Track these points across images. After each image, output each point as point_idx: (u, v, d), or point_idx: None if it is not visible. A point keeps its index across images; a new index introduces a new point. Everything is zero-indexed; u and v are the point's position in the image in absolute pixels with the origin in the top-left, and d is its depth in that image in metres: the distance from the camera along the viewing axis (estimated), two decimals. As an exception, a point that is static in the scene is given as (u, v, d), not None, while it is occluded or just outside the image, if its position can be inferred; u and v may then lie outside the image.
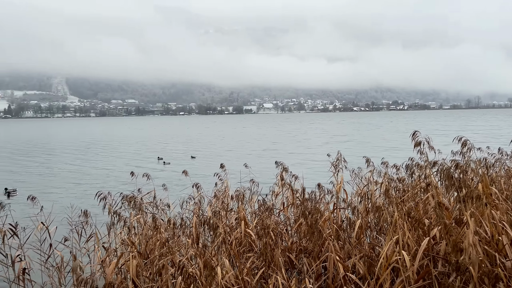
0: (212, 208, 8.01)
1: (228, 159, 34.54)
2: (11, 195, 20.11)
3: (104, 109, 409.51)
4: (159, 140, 66.17)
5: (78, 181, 25.12)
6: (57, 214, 8.39)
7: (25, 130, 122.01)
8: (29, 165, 35.34)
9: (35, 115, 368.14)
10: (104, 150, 49.82)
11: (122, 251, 6.55)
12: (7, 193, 20.19)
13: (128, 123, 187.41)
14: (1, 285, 7.95)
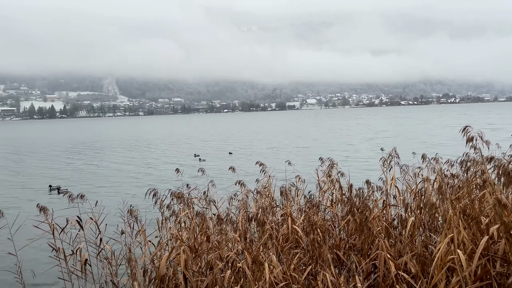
0: (257, 205, 8.07)
1: (268, 156, 34.65)
2: (60, 192, 21.14)
3: (152, 108, 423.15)
4: (200, 137, 67.49)
5: (127, 178, 26.12)
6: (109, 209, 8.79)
7: (79, 129, 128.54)
8: (81, 162, 37.26)
9: (88, 115, 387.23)
10: (148, 147, 51.47)
11: (173, 245, 6.75)
12: (57, 190, 21.31)
13: (174, 121, 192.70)
14: (60, 275, 8.46)
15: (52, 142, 67.35)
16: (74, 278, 7.95)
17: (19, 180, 27.37)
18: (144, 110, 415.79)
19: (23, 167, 35.20)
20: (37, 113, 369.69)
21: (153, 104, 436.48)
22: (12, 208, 17.14)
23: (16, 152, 50.95)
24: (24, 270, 8.18)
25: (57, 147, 56.56)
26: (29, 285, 8.52)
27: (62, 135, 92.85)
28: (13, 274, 8.59)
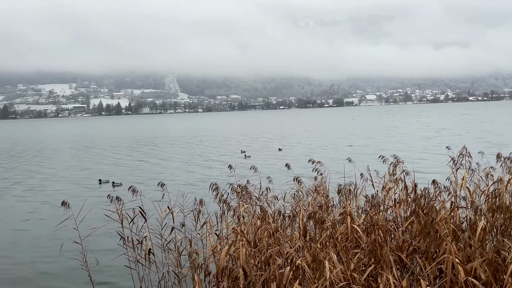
0: (316, 202, 7.99)
1: (322, 153, 34.17)
2: (115, 186, 22.28)
3: (210, 105, 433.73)
4: (252, 134, 67.97)
5: (180, 173, 26.95)
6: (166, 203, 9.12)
7: (142, 125, 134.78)
8: (139, 156, 39.03)
9: (150, 111, 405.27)
10: (200, 142, 52.71)
11: (233, 239, 6.89)
12: (112, 184, 22.49)
13: (230, 117, 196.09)
14: (126, 263, 8.95)
15: (117, 137, 71.27)
16: (139, 266, 8.39)
17: (82, 173, 29.26)
18: (203, 107, 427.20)
19: (87, 160, 37.52)
20: (105, 110, 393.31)
21: (212, 101, 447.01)
22: (74, 199, 18.40)
23: (83, 146, 54.47)
24: (88, 258, 8.76)
25: (120, 142, 59.78)
26: (93, 271, 9.09)
27: (126, 131, 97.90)
28: (79, 261, 9.24)
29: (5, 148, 56.03)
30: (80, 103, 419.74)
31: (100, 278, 9.51)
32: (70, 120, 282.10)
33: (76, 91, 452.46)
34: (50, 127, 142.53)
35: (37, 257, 11.81)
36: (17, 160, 40.06)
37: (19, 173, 30.15)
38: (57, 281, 10.01)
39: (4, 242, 13.36)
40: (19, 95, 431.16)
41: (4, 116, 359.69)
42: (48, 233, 13.80)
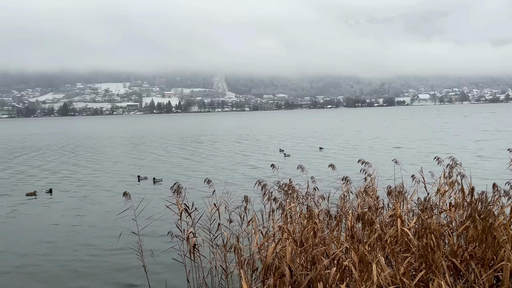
0: (365, 203, 7.82)
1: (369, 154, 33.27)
2: (156, 182, 22.90)
3: (257, 104, 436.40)
4: (294, 132, 67.46)
5: (226, 170, 27.31)
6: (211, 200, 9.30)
7: (190, 123, 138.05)
8: (184, 153, 39.98)
9: (199, 110, 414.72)
10: (244, 141, 53.03)
11: (279, 237, 6.92)
12: (153, 180, 23.13)
13: (276, 116, 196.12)
14: (177, 257, 9.25)
15: (165, 135, 73.50)
16: (186, 260, 8.64)
17: (128, 167, 30.44)
18: (249, 106, 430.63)
19: (134, 156, 38.97)
20: (156, 108, 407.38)
21: (258, 100, 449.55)
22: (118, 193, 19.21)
23: (137, 143, 56.68)
24: (144, 250, 9.14)
25: (168, 139, 61.59)
26: (148, 262, 9.47)
27: (174, 128, 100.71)
28: (135, 251, 9.66)
29: (63, 142, 59.62)
30: (133, 101, 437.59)
31: (154, 269, 9.89)
32: (123, 118, 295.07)
33: (130, 90, 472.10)
34: (105, 124, 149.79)
35: (96, 245, 12.47)
36: (73, 153, 42.44)
37: (72, 166, 31.96)
38: (115, 269, 10.52)
39: (65, 230, 14.23)
40: (77, 93, 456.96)
41: (64, 113, 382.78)
42: (108, 223, 14.56)
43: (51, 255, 11.89)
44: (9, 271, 10.77)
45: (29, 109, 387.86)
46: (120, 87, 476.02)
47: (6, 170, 31.22)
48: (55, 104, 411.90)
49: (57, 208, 17.85)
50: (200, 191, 11.24)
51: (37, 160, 37.96)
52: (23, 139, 71.55)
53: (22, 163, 35.90)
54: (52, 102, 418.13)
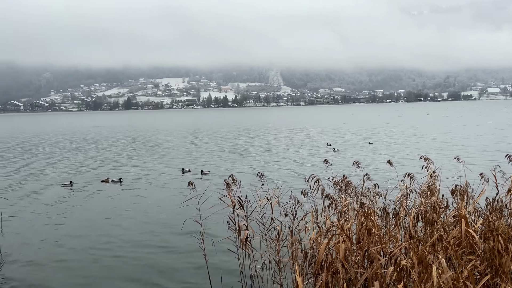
0: (427, 202, 7.45)
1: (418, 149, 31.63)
2: (203, 174, 23.39)
3: (313, 98, 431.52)
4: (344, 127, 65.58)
5: (273, 167, 27.24)
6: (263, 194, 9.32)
7: (246, 117, 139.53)
8: (235, 146, 40.37)
9: (254, 104, 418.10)
10: (295, 135, 52.46)
11: (333, 233, 6.80)
12: (201, 172, 23.60)
13: (331, 110, 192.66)
14: (232, 248, 9.42)
15: (218, 128, 74.88)
16: (241, 252, 8.77)
17: (180, 160, 31.33)
18: (305, 100, 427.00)
19: (193, 149, 40.04)
20: (213, 102, 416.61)
21: (314, 94, 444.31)
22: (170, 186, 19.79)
23: (193, 136, 58.32)
24: (206, 239, 9.42)
25: (221, 133, 62.70)
26: (208, 250, 9.73)
27: (229, 122, 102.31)
28: (196, 239, 9.97)
29: (128, 135, 62.86)
30: (192, 96, 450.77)
31: (213, 258, 10.18)
32: (182, 112, 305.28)
33: (189, 85, 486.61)
34: (164, 118, 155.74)
35: (162, 231, 13.08)
36: (135, 145, 44.54)
37: (134, 157, 33.58)
38: (177, 255, 10.99)
39: (134, 215, 15.04)
40: (140, 88, 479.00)
41: (127, 107, 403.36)
42: (172, 210, 15.20)
43: (121, 236, 12.59)
44: (90, 245, 11.59)
45: (96, 103, 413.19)
46: (179, 82, 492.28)
47: (83, 158, 33.55)
48: (119, 98, 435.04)
49: (127, 194, 18.91)
50: (251, 185, 11.38)
51: (103, 150, 40.34)
52: (99, 131, 76.39)
53: (91, 153, 38.33)
54: (117, 97, 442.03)
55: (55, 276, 9.81)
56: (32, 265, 10.53)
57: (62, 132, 75.46)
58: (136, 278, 9.59)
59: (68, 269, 10.21)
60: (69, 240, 12.45)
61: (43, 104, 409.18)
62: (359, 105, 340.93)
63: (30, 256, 11.18)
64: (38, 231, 13.41)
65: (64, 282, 9.52)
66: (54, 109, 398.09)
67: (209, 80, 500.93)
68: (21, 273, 10.03)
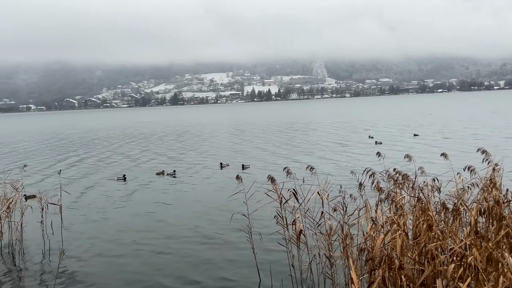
0: (492, 196, 7.02)
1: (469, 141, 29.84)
2: (245, 168, 23.43)
3: (359, 89, 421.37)
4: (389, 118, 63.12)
5: (317, 157, 26.75)
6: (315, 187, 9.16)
7: (290, 110, 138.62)
8: (279, 140, 40.08)
9: (298, 97, 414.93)
10: (337, 128, 51.20)
11: (389, 228, 6.58)
12: (242, 166, 23.69)
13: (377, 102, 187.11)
14: (280, 242, 9.40)
15: (265, 122, 74.90)
16: (291, 245, 8.73)
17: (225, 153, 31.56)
18: (350, 92, 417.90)
19: (237, 142, 40.27)
20: (256, 96, 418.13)
21: (360, 86, 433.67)
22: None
23: (237, 130, 58.76)
24: (253, 232, 9.46)
25: (267, 127, 62.64)
26: (256, 244, 9.78)
27: (273, 116, 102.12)
28: (244, 233, 10.05)
29: (171, 129, 64.56)
30: (236, 90, 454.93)
31: (261, 252, 10.21)
32: (226, 106, 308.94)
33: (232, 79, 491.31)
34: (210, 112, 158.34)
35: (211, 223, 13.32)
36: (182, 139, 45.62)
37: (182, 150, 34.39)
38: (226, 248, 11.13)
39: (184, 206, 15.45)
40: (186, 84, 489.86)
41: (174, 102, 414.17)
42: (220, 204, 15.48)
43: (170, 229, 12.97)
44: (151, 230, 12.04)
45: (145, 99, 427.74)
46: (223, 76, 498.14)
47: (135, 152, 34.90)
48: (166, 94, 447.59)
49: (180, 187, 19.47)
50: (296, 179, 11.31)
51: (153, 144, 41.68)
52: (148, 126, 79.18)
53: (142, 147, 39.74)
54: (164, 93, 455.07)
55: (109, 268, 10.24)
56: (89, 256, 11.06)
57: (114, 128, 78.84)
58: (184, 272, 9.75)
59: (120, 262, 10.57)
60: (122, 233, 12.96)
61: (95, 101, 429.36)
62: (407, 96, 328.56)
63: (87, 247, 11.75)
64: (94, 224, 14.08)
65: (116, 275, 9.91)
66: (105, 106, 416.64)
67: (252, 74, 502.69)
68: (79, 264, 10.57)
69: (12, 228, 12.72)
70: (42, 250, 11.61)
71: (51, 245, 11.97)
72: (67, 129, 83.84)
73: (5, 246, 11.97)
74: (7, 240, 12.34)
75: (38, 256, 11.23)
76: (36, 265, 10.61)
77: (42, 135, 66.44)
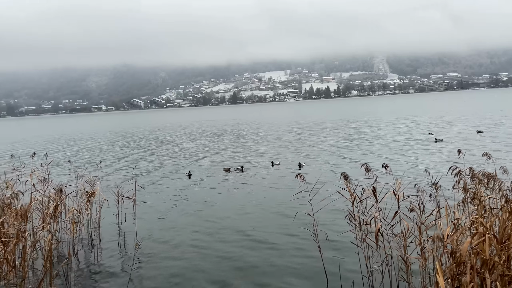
0: None
1: None
2: (301, 166, 23.01)
3: (424, 85, 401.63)
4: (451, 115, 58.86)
5: (377, 155, 25.64)
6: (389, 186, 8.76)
7: (350, 107, 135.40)
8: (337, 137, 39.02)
9: (358, 94, 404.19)
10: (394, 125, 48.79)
11: (474, 230, 6.15)
12: (299, 165, 23.28)
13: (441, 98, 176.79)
14: (353, 241, 9.16)
15: (324, 120, 73.65)
16: (364, 246, 8.46)
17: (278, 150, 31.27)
18: (414, 88, 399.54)
19: (295, 141, 39.86)
20: (315, 94, 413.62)
21: (425, 81, 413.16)
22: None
23: (298, 128, 58.38)
24: (319, 232, 9.30)
25: (325, 125, 61.53)
26: (322, 244, 9.59)
27: (333, 113, 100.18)
28: (309, 232, 9.91)
29: (231, 127, 65.66)
30: (293, 88, 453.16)
31: (328, 252, 10.02)
32: (284, 104, 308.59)
33: (290, 77, 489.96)
34: (267, 110, 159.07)
35: (274, 221, 13.34)
36: (242, 138, 46.18)
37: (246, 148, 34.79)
38: (289, 246, 11.03)
39: (250, 202, 15.65)
40: (244, 83, 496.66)
41: (233, 101, 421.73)
42: (283, 202, 15.48)
43: (238, 220, 13.17)
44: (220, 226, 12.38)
45: (206, 99, 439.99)
46: (281, 75, 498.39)
47: (199, 149, 36.06)
48: (226, 93, 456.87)
49: (246, 183, 19.74)
50: (358, 177, 10.93)
51: (215, 141, 42.70)
52: (209, 124, 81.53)
53: (206, 143, 40.89)
54: (224, 92, 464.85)
55: (182, 263, 10.57)
56: (161, 250, 11.51)
57: (176, 126, 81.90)
58: (246, 271, 9.72)
59: (187, 258, 10.86)
60: (186, 228, 13.36)
61: (159, 101, 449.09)
62: (478, 91, 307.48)
63: (159, 241, 12.25)
64: (165, 218, 14.65)
65: (190, 269, 10.21)
66: (169, 106, 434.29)
67: (310, 72, 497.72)
68: (152, 256, 11.04)
69: (91, 219, 13.63)
70: (117, 241, 12.30)
71: (126, 236, 12.65)
72: (136, 127, 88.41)
73: (85, 237, 12.84)
74: (87, 231, 13.24)
75: (115, 246, 11.90)
76: (113, 254, 11.25)
77: (113, 133, 70.67)
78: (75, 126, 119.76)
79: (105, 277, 9.77)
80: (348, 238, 10.41)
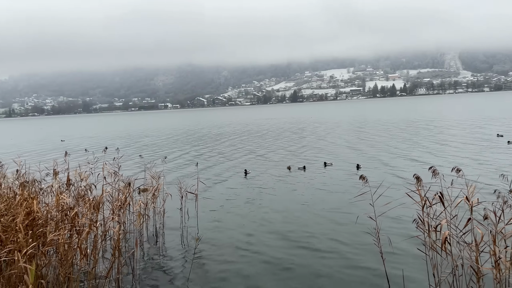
0: None
1: None
2: (359, 168, 22.22)
3: (500, 83, 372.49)
4: None
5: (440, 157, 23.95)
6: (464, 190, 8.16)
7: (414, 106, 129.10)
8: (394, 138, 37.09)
9: (427, 92, 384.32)
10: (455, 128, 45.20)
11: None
12: (357, 167, 22.47)
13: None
14: (418, 247, 8.68)
15: (388, 120, 70.84)
16: (432, 253, 7.98)
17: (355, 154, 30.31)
18: (490, 86, 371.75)
19: (354, 141, 38.61)
20: (379, 92, 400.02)
21: (502, 78, 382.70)
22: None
23: (360, 128, 56.69)
24: (381, 236, 8.92)
25: (390, 125, 59.06)
26: (384, 250, 9.20)
27: (398, 113, 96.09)
28: (371, 236, 9.55)
29: (289, 125, 65.35)
30: (356, 86, 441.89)
31: (390, 257, 9.61)
32: (346, 102, 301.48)
33: (353, 75, 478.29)
34: (328, 109, 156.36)
35: (334, 224, 13.04)
36: (302, 136, 45.77)
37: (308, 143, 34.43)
38: (350, 250, 10.69)
39: (308, 202, 15.49)
40: (305, 81, 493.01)
41: (294, 99, 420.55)
42: (344, 204, 15.11)
43: (299, 219, 13.08)
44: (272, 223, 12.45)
45: (266, 97, 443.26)
46: (344, 72, 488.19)
47: (255, 146, 36.44)
48: (286, 92, 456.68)
49: (308, 183, 19.58)
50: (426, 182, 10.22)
51: (275, 140, 42.80)
52: (269, 123, 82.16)
53: (264, 141, 41.14)
54: (284, 90, 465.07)
55: (239, 259, 10.68)
56: (218, 245, 11.71)
57: (237, 124, 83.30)
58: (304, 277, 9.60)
59: (248, 256, 10.95)
60: (248, 225, 13.47)
61: (222, 99, 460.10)
62: None
63: (219, 236, 12.49)
64: (225, 214, 14.92)
65: (247, 264, 10.29)
66: (231, 104, 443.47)
67: (375, 69, 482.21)
68: (211, 251, 11.28)
69: (156, 213, 14.24)
70: (180, 234, 12.73)
71: (188, 230, 13.06)
72: (198, 125, 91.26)
73: (151, 229, 13.44)
74: (152, 223, 13.85)
75: (177, 239, 12.32)
76: (175, 246, 11.66)
77: (178, 130, 73.51)
78: (143, 123, 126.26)
79: (167, 268, 10.14)
80: (413, 244, 9.89)
